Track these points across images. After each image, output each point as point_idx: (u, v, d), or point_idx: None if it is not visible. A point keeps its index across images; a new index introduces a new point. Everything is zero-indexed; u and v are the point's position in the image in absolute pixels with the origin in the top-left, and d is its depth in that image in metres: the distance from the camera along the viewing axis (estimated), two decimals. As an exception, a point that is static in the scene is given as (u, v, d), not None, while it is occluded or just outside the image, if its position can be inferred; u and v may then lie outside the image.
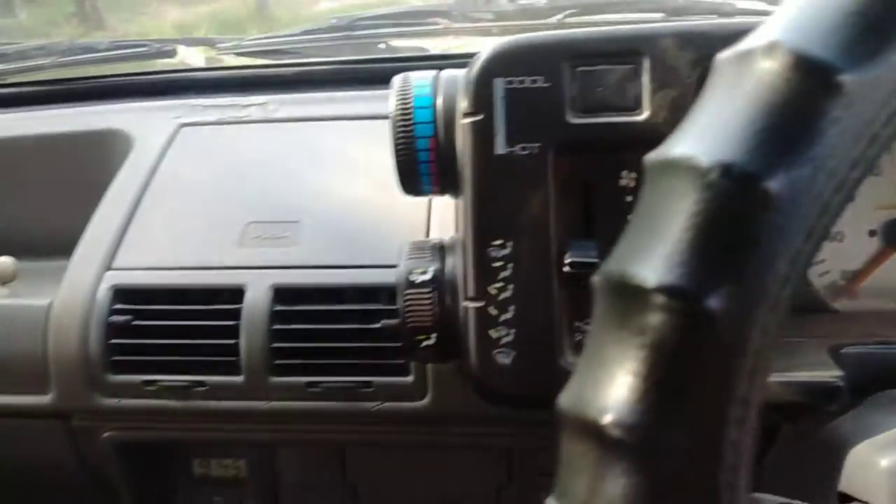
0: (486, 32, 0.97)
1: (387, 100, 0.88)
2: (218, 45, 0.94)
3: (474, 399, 0.64)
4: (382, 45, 0.98)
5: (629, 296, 0.21)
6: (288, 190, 0.75)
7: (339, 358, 0.64)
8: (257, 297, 0.65)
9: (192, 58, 0.94)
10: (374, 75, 0.91)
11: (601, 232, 0.48)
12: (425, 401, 0.64)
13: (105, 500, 0.77)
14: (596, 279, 0.23)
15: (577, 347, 0.48)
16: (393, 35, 0.97)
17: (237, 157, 0.79)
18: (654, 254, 0.21)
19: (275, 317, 0.65)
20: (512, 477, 0.72)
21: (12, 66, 0.96)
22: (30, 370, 0.68)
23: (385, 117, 0.83)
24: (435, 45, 1.04)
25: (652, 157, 0.22)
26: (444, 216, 0.69)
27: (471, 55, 0.48)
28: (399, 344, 0.64)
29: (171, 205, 0.75)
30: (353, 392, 0.64)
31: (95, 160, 0.84)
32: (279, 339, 0.65)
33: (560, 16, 0.91)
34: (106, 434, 0.70)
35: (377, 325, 0.64)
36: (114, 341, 0.66)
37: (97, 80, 0.93)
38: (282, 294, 0.66)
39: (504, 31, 0.93)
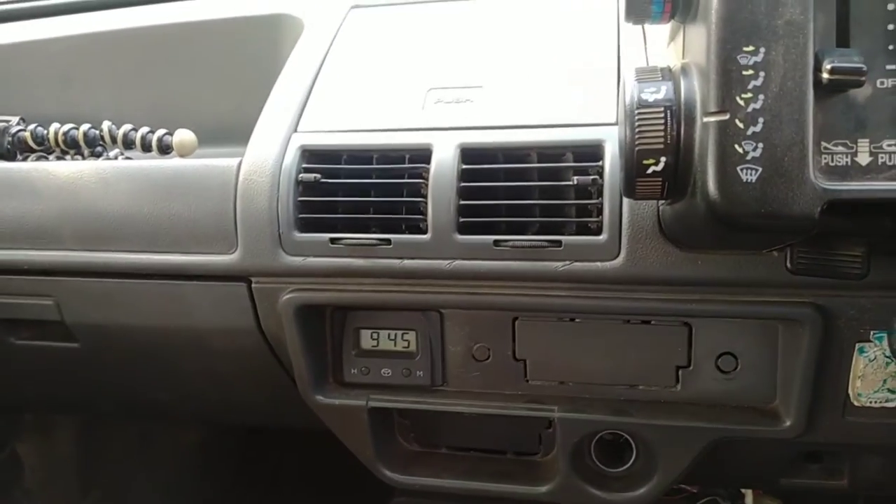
0: None
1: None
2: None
3: (668, 260, 0.61)
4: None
5: None
6: (467, 59, 0.74)
7: (527, 216, 0.63)
8: (444, 156, 0.65)
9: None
10: None
11: (860, 41, 0.44)
12: (617, 261, 0.62)
13: (277, 369, 0.79)
14: None
15: (825, 171, 0.45)
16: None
17: (411, 33, 0.79)
18: None
19: (462, 175, 0.64)
20: (691, 361, 0.69)
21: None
22: (218, 229, 0.70)
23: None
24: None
25: None
26: None
27: None
28: (595, 201, 0.62)
29: (350, 75, 0.75)
30: (540, 251, 0.63)
31: (265, 44, 0.86)
32: (466, 197, 0.64)
33: None
34: (286, 296, 0.71)
35: (568, 182, 0.63)
36: (302, 199, 0.67)
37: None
38: (468, 153, 0.65)
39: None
